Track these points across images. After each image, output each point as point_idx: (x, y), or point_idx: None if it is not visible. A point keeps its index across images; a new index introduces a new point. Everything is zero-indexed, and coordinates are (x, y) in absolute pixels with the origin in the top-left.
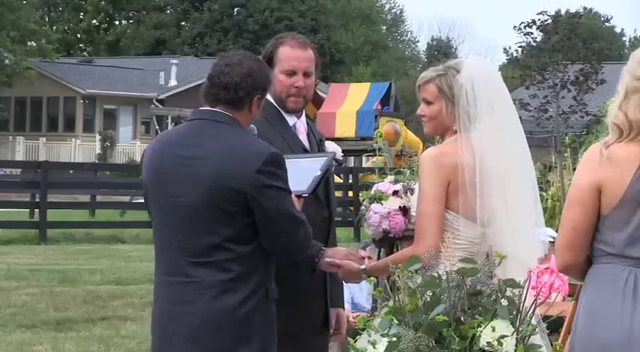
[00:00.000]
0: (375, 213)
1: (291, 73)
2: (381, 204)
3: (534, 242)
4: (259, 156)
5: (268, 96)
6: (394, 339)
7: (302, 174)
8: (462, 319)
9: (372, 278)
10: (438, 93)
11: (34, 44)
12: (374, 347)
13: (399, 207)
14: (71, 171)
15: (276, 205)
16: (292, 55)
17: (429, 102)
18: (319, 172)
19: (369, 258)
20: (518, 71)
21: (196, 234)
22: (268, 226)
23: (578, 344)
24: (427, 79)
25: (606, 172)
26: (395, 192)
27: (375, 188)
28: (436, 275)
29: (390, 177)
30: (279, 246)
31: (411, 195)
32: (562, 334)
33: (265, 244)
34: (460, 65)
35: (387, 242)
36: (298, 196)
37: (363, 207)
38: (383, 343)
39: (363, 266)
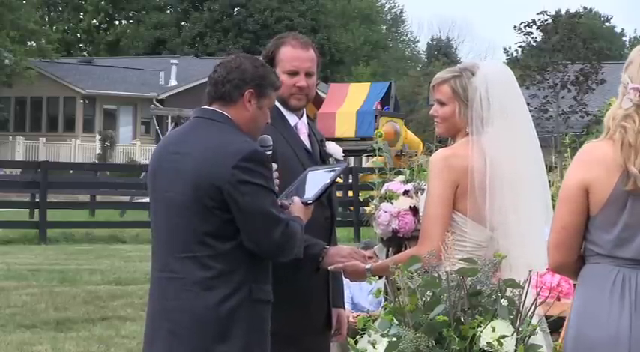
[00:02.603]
0: (385, 212)
1: (293, 73)
2: (392, 203)
3: (542, 248)
4: (238, 153)
5: None
6: (394, 339)
7: (315, 183)
8: (462, 319)
9: (373, 277)
10: (452, 94)
11: (34, 44)
12: (374, 347)
13: (410, 207)
14: (71, 171)
15: (251, 202)
16: (294, 56)
17: (442, 103)
18: (329, 180)
19: (370, 257)
20: (518, 71)
21: (181, 230)
22: (244, 223)
23: (569, 342)
24: (442, 79)
25: (594, 172)
26: (406, 192)
27: (385, 187)
28: (436, 275)
29: (401, 177)
30: (256, 244)
31: (422, 195)
32: (562, 334)
33: (244, 242)
34: (476, 68)
35: (396, 241)
36: (304, 203)
37: (372, 206)
38: (383, 343)
39: (368, 266)
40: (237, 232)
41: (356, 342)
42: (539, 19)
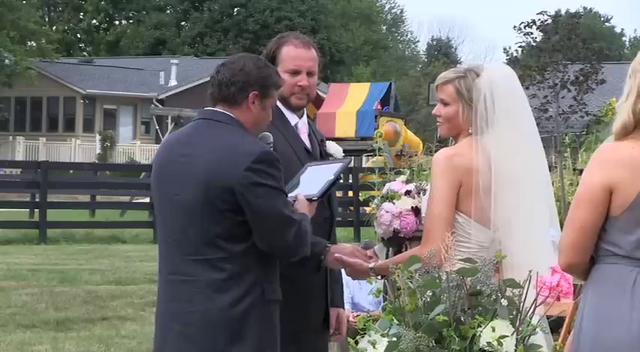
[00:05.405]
0: (387, 212)
1: (295, 73)
2: (393, 203)
3: (546, 248)
4: (250, 155)
5: None
6: (394, 339)
7: (317, 178)
8: (462, 319)
9: (374, 277)
10: (456, 95)
11: (34, 44)
12: (374, 347)
13: (411, 207)
14: (71, 171)
15: (265, 204)
16: (296, 55)
17: (445, 103)
18: (332, 177)
19: (371, 257)
20: (518, 71)
21: (192, 232)
22: (257, 225)
23: (586, 344)
24: (446, 79)
25: (618, 173)
26: (407, 193)
27: (387, 187)
28: (437, 275)
29: (403, 177)
30: (269, 245)
31: (424, 195)
32: (562, 334)
33: (257, 243)
34: (480, 69)
35: (396, 241)
36: (309, 200)
37: (373, 206)
38: (383, 343)
39: (371, 265)
40: (249, 234)
41: (356, 342)
42: (539, 19)
